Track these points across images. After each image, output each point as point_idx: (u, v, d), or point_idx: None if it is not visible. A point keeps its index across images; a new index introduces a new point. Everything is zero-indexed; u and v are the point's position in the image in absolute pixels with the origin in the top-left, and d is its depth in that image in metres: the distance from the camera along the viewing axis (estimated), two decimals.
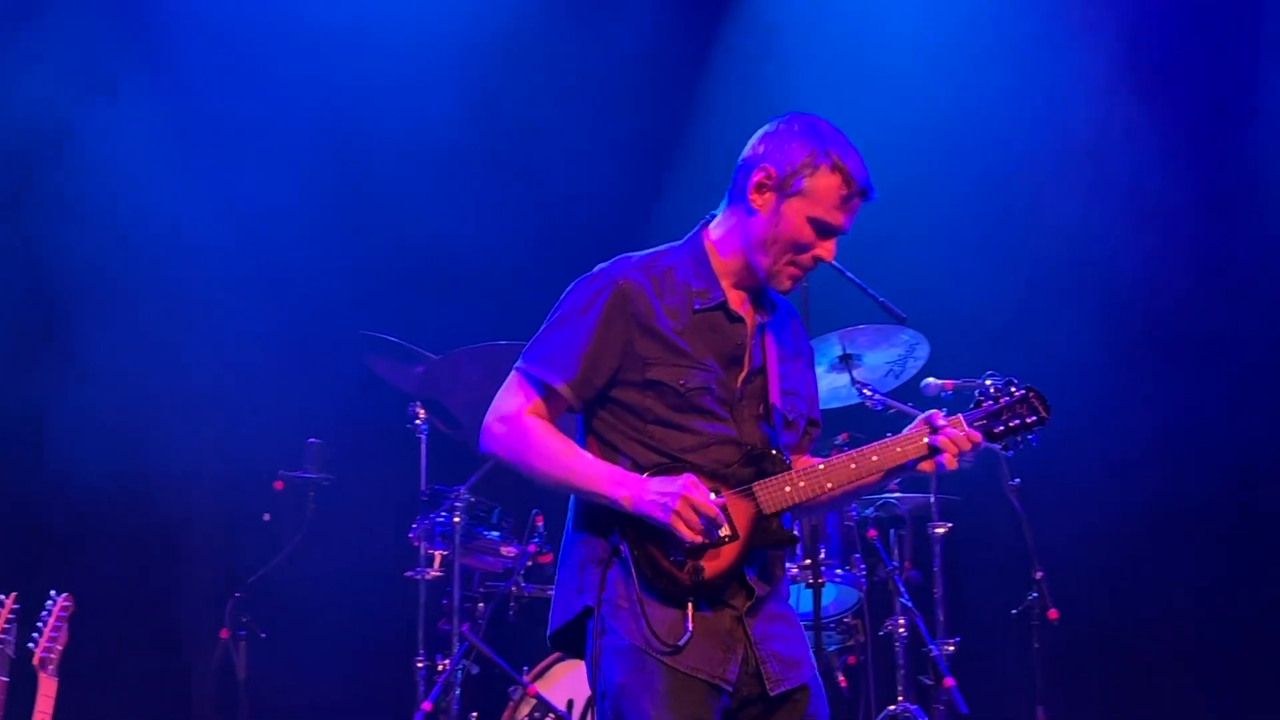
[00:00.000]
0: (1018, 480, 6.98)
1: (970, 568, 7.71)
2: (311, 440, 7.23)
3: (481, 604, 6.75)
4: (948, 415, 3.97)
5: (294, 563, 7.23)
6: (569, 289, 4.02)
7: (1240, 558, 7.99)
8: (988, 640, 7.53)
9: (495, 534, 6.81)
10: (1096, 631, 7.98)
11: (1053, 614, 6.92)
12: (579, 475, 3.83)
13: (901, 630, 6.81)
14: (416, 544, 6.70)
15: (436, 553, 6.68)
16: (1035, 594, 6.95)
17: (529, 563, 6.74)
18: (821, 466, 3.90)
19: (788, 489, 3.85)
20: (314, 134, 8.05)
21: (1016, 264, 8.04)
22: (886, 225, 7.90)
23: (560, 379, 3.89)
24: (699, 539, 3.70)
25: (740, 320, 3.97)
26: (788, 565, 4.14)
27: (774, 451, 3.91)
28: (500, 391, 4.00)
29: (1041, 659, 7.00)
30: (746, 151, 4.01)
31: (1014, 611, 7.08)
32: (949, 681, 6.56)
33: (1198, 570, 8.03)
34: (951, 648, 6.79)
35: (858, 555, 6.74)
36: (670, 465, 3.83)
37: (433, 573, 6.65)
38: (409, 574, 6.68)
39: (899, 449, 3.93)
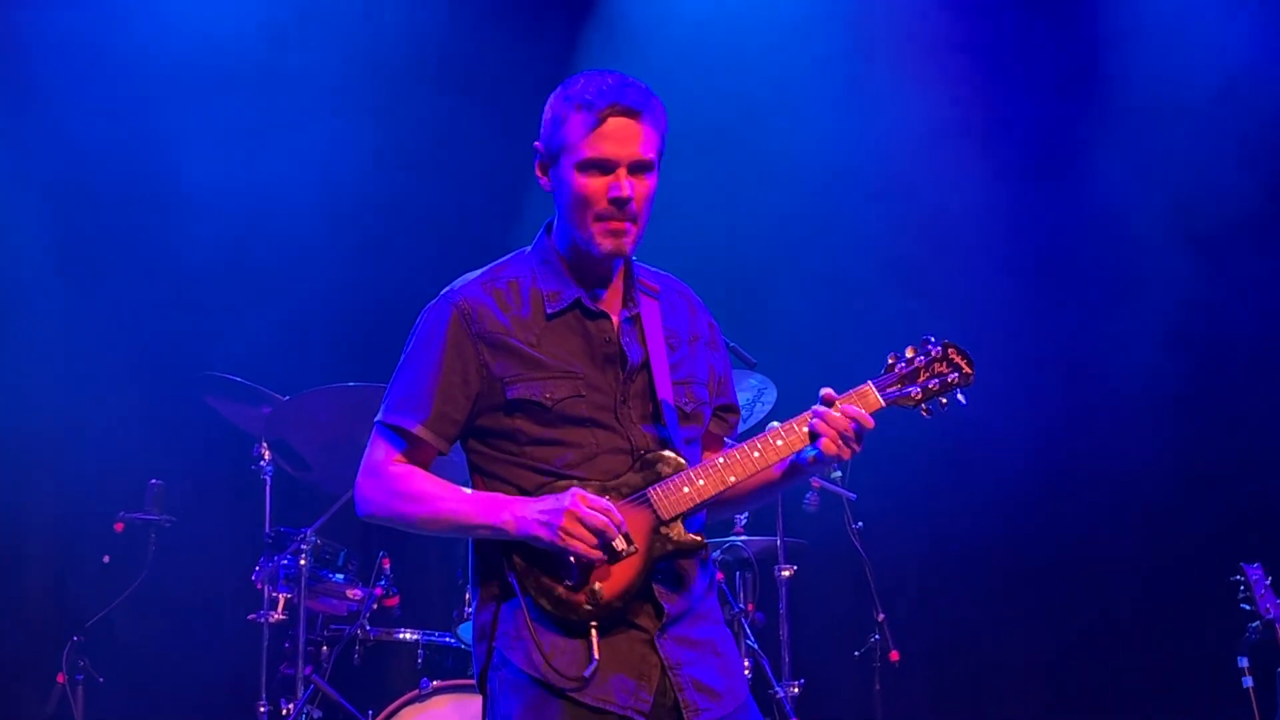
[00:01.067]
0: (860, 524, 7.08)
1: (815, 610, 7.79)
2: (153, 481, 7.12)
3: (326, 647, 6.67)
4: (854, 387, 3.68)
5: (134, 606, 7.11)
6: (416, 321, 3.79)
7: (1077, 598, 8.17)
8: (832, 682, 7.62)
9: (341, 577, 6.74)
10: (937, 673, 8.12)
11: (894, 655, 7.02)
12: (459, 512, 3.58)
13: (747, 672, 6.85)
14: (260, 587, 6.61)
15: (281, 595, 6.59)
16: (877, 636, 7.06)
17: (375, 606, 6.68)
18: (721, 460, 3.59)
19: (686, 490, 3.56)
20: (158, 167, 7.95)
21: (863, 308, 8.17)
22: (734, 270, 8.07)
23: (414, 421, 3.65)
24: (593, 554, 3.44)
25: (603, 316, 3.69)
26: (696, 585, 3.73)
27: (668, 452, 3.62)
28: (366, 449, 3.74)
29: (883, 700, 7.10)
30: None
31: (857, 653, 7.17)
32: None
33: (1037, 612, 8.19)
34: (796, 689, 6.84)
35: None
36: (555, 483, 3.56)
37: (276, 616, 6.56)
38: (252, 617, 6.59)
39: (801, 429, 3.62)
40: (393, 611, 6.81)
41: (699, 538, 3.60)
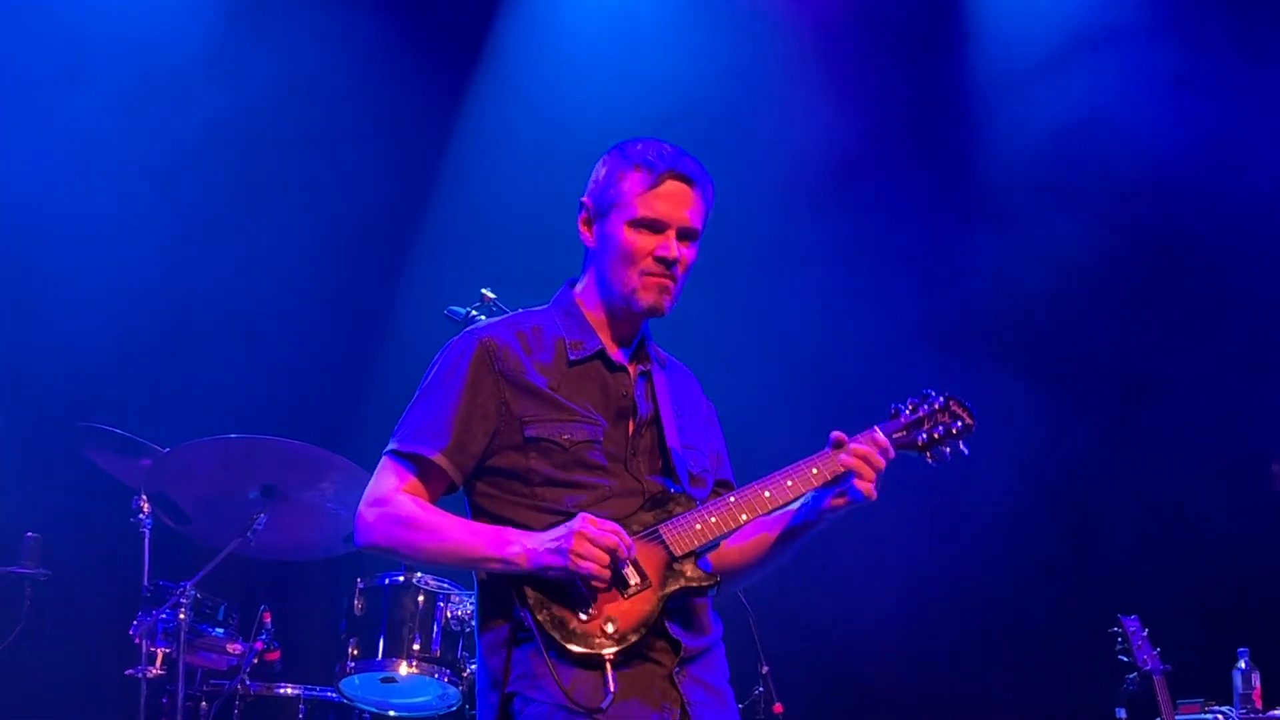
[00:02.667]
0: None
1: None
2: (29, 534, 6.99)
3: (205, 703, 6.56)
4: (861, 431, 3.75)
5: (9, 660, 6.95)
6: (432, 361, 3.78)
7: (959, 650, 8.25)
8: None
9: (221, 631, 6.64)
10: None
11: (778, 708, 7.03)
12: (466, 545, 3.55)
13: None
14: (138, 641, 6.49)
15: (159, 650, 6.47)
16: (761, 688, 7.06)
17: (255, 660, 6.60)
18: (733, 498, 3.65)
19: (698, 526, 3.60)
20: (33, 214, 7.84)
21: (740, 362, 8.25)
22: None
23: (433, 449, 3.63)
24: (605, 573, 3.43)
25: (622, 369, 3.76)
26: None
27: (682, 493, 3.67)
28: (372, 479, 3.71)
29: None
30: None
31: (741, 705, 7.17)
32: None
33: (920, 663, 8.26)
34: None
35: None
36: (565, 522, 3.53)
37: (154, 671, 6.44)
38: (129, 672, 6.47)
39: (813, 470, 3.69)
40: (274, 666, 6.72)
41: (712, 575, 3.63)
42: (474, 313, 5.80)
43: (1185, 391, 8.37)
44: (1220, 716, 6.73)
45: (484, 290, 5.82)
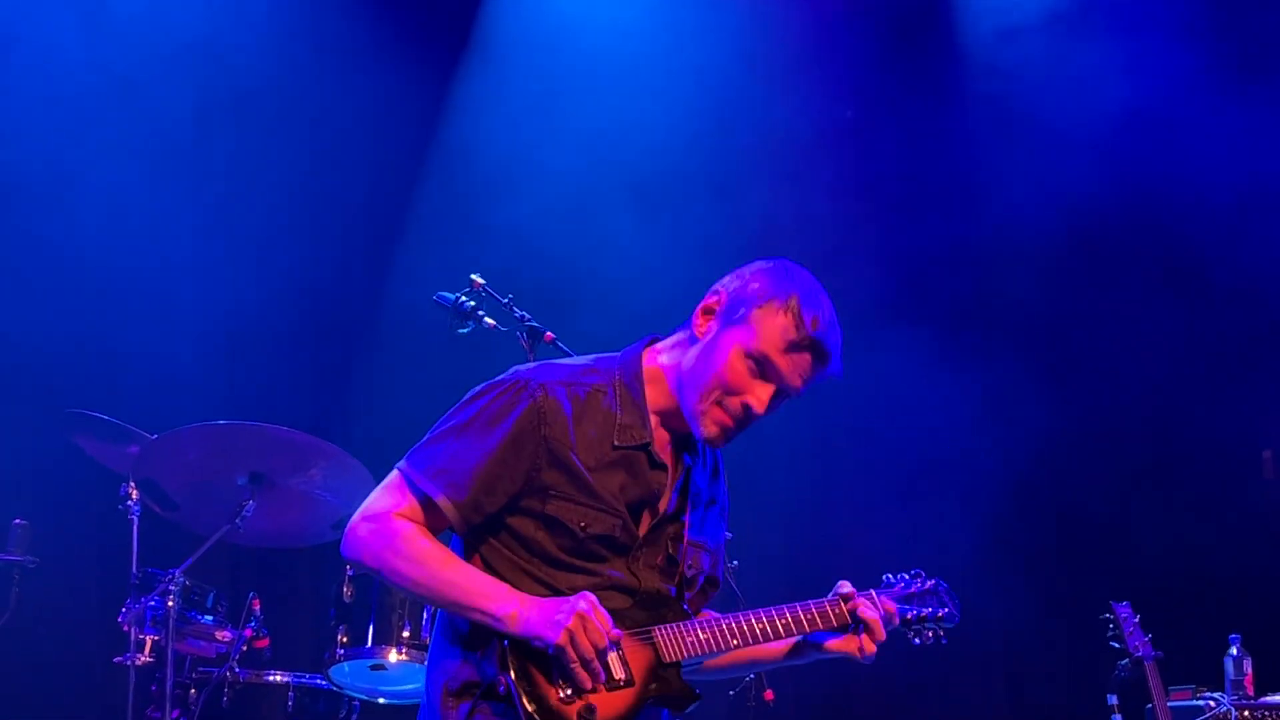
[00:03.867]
0: (735, 563, 7.08)
1: None
2: (17, 521, 6.97)
3: (194, 690, 6.56)
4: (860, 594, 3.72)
5: None
6: (479, 389, 3.61)
7: (950, 637, 8.23)
8: None
9: (210, 618, 6.63)
10: (810, 713, 8.14)
11: (769, 695, 7.02)
12: (457, 587, 3.43)
13: None
14: (126, 629, 6.47)
15: (148, 638, 6.45)
16: (752, 675, 7.06)
17: (244, 647, 6.58)
18: (727, 625, 3.61)
19: (689, 639, 3.56)
20: (15, 199, 7.81)
21: None
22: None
23: (445, 495, 3.49)
24: (585, 677, 3.35)
25: (662, 467, 3.62)
26: None
27: (674, 598, 3.60)
28: (376, 490, 3.58)
29: None
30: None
31: (732, 693, 7.17)
32: None
33: (907, 647, 8.25)
34: None
35: None
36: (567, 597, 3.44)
37: (143, 658, 6.41)
38: (118, 660, 6.45)
39: (808, 618, 3.69)
40: (263, 653, 6.71)
41: (693, 692, 3.57)
42: (463, 298, 5.75)
43: (1176, 378, 8.36)
44: (1212, 703, 6.73)
45: (473, 276, 5.78)
